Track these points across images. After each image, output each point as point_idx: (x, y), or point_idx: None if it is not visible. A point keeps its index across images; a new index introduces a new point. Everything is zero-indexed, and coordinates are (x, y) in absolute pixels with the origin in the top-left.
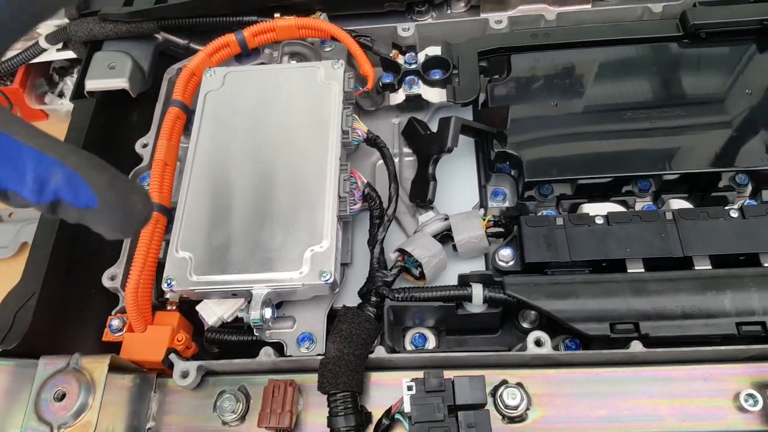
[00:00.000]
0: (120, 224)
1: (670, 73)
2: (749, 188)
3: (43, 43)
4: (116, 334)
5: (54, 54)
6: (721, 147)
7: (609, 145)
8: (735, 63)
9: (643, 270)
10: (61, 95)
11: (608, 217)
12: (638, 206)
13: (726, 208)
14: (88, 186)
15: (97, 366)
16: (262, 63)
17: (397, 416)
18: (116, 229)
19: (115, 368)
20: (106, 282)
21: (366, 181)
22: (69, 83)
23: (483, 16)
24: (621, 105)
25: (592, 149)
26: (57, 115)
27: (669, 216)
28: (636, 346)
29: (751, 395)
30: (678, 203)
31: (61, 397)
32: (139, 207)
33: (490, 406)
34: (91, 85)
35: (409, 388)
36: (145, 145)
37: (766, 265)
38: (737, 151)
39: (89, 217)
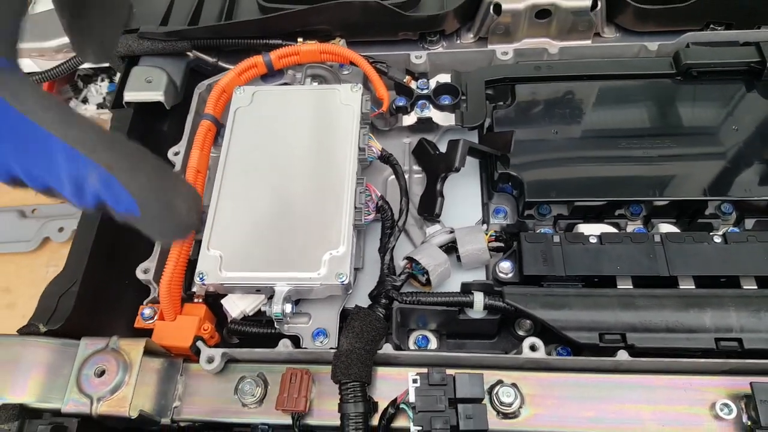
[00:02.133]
0: (165, 231)
1: (663, 107)
2: (733, 216)
3: None
4: (147, 322)
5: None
6: (708, 177)
7: (604, 171)
8: (723, 100)
9: (631, 287)
10: (84, 101)
11: (601, 237)
12: (629, 229)
13: (710, 233)
14: (125, 190)
15: (134, 348)
16: (286, 83)
17: (402, 406)
18: (162, 236)
19: (147, 352)
20: (139, 274)
21: (380, 194)
22: (93, 90)
23: (490, 47)
24: (616, 134)
25: (589, 174)
26: None
27: (657, 239)
28: (622, 355)
29: (726, 405)
30: (666, 227)
31: (101, 374)
32: (183, 213)
33: (486, 403)
34: (130, 96)
35: (414, 381)
36: (176, 153)
37: (745, 287)
38: (723, 181)
39: (134, 222)
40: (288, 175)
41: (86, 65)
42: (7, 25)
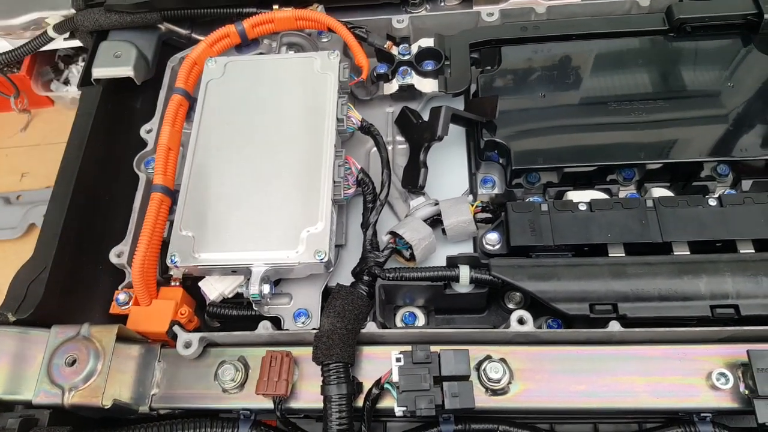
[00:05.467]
0: None
1: (656, 66)
2: (730, 178)
3: (51, 33)
4: (123, 308)
5: (61, 42)
6: (703, 138)
7: (594, 134)
8: (719, 56)
9: (623, 254)
10: (66, 82)
11: (591, 204)
12: (622, 194)
13: (705, 196)
14: None
15: (106, 335)
16: (261, 53)
17: (386, 386)
18: None
19: (122, 338)
20: (113, 258)
21: (360, 167)
22: (74, 71)
23: (475, 8)
24: (607, 96)
25: (578, 139)
26: (62, 101)
27: (650, 203)
28: (614, 326)
29: (722, 374)
30: (660, 192)
31: (72, 363)
32: None
33: (474, 380)
34: (98, 73)
35: (398, 360)
36: (149, 131)
37: (742, 251)
38: (719, 142)
39: None
40: (262, 150)
41: (66, 45)
42: None
